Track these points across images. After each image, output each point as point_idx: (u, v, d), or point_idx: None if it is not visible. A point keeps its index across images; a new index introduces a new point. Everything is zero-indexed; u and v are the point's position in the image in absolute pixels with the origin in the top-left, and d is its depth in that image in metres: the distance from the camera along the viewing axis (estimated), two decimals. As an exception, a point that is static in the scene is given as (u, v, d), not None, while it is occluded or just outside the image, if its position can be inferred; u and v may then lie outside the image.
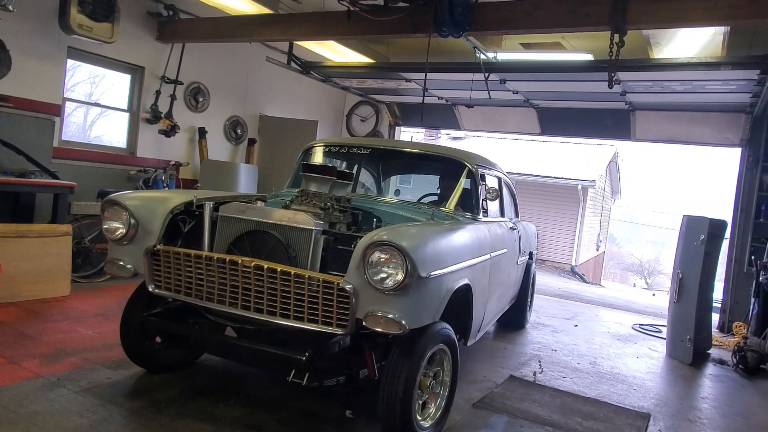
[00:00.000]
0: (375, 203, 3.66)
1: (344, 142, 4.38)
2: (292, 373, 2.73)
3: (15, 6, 5.03)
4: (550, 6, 4.64)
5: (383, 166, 4.57)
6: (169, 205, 3.18)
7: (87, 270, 5.72)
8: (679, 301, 5.53)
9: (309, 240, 2.83)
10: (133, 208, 3.10)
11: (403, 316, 2.55)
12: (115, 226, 3.13)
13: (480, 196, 3.99)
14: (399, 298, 2.57)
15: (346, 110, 10.16)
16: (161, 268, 3.04)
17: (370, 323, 2.58)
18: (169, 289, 3.03)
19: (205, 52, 7.30)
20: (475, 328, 3.70)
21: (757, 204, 6.89)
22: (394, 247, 2.53)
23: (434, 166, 4.47)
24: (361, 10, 4.96)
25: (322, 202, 3.09)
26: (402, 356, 2.73)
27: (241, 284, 2.81)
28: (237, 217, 2.98)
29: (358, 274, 2.60)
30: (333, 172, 3.20)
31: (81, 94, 6.57)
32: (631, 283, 26.59)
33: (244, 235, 2.95)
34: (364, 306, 2.60)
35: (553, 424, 3.45)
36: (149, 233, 3.09)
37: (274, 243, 2.88)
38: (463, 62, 6.63)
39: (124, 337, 3.33)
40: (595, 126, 8.45)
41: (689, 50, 5.64)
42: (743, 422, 3.98)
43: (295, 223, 2.86)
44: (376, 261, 2.57)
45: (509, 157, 16.85)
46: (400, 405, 2.67)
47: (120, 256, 3.14)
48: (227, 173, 7.30)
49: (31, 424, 2.68)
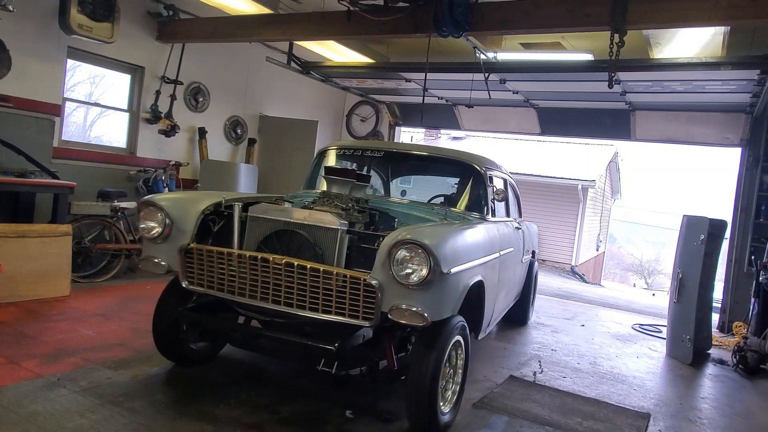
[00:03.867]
0: (390, 204, 3.83)
1: (358, 145, 4.58)
2: (322, 362, 2.94)
3: (15, 6, 5.03)
4: (550, 6, 4.64)
5: (395, 169, 4.73)
6: (200, 206, 3.35)
7: (87, 270, 5.72)
8: (679, 301, 5.53)
9: (335, 238, 3.01)
10: (168, 208, 3.28)
11: (426, 309, 2.73)
12: (151, 225, 3.29)
13: (488, 198, 4.16)
14: (422, 292, 2.75)
15: (346, 110, 10.16)
16: (194, 265, 3.20)
17: (395, 316, 2.75)
18: (201, 284, 3.20)
19: (205, 52, 7.30)
20: (486, 322, 3.89)
21: (757, 204, 6.89)
22: (419, 245, 2.72)
23: (445, 169, 4.62)
24: (361, 10, 4.96)
25: (344, 203, 3.30)
26: (427, 348, 2.93)
27: (272, 280, 2.97)
28: (266, 218, 3.16)
29: (384, 271, 2.78)
30: (353, 174, 3.42)
31: (81, 94, 6.57)
32: (631, 283, 26.59)
33: (273, 234, 3.13)
34: (389, 300, 2.78)
35: (553, 424, 3.45)
36: (183, 232, 3.26)
37: (301, 241, 3.06)
38: (463, 62, 6.63)
39: (156, 331, 3.49)
40: (595, 126, 8.44)
41: (689, 50, 5.64)
42: (743, 422, 3.98)
43: (322, 223, 3.04)
44: (402, 258, 2.75)
45: (509, 157, 16.85)
46: (427, 392, 2.88)
47: (155, 253, 3.29)
48: (227, 173, 7.29)
49: (31, 424, 2.68)
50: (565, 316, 7.15)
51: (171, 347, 3.53)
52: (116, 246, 5.93)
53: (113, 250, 5.91)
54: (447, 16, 4.63)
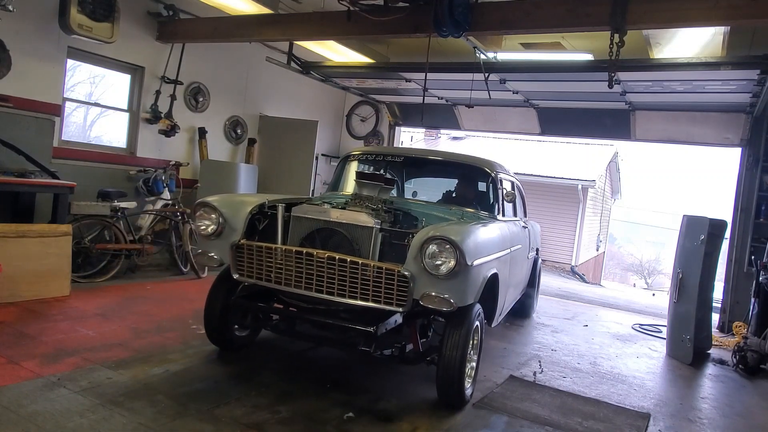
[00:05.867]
0: (411, 205, 4.22)
1: (380, 151, 5.05)
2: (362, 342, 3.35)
3: (15, 6, 5.03)
4: (550, 6, 4.63)
5: (413, 172, 5.14)
6: (248, 207, 3.75)
7: (87, 270, 5.72)
8: (679, 301, 5.53)
9: (370, 235, 3.43)
10: (222, 208, 3.70)
11: (452, 296, 3.16)
12: (207, 223, 3.73)
13: (499, 199, 4.59)
14: (449, 281, 3.18)
15: (346, 110, 10.16)
16: (244, 259, 3.60)
17: (425, 301, 3.17)
18: (251, 276, 3.60)
19: (205, 52, 7.30)
20: (498, 311, 4.36)
21: (757, 204, 6.89)
22: (447, 241, 3.13)
23: (460, 172, 4.95)
24: (361, 10, 4.96)
25: (374, 204, 3.70)
26: (456, 331, 3.37)
27: (316, 272, 3.36)
28: (308, 217, 3.59)
29: (416, 263, 3.20)
30: (382, 179, 3.86)
31: (81, 94, 6.57)
32: (631, 283, 26.58)
33: (315, 232, 3.55)
34: (420, 288, 3.19)
35: (553, 424, 3.45)
36: (233, 230, 3.67)
37: (340, 238, 3.47)
38: (463, 62, 6.63)
39: (207, 319, 3.90)
40: (595, 126, 8.44)
41: (689, 50, 5.63)
42: (743, 422, 3.98)
43: (359, 222, 3.46)
44: (432, 252, 3.16)
45: (509, 157, 16.84)
46: (457, 369, 3.33)
47: (209, 249, 3.74)
48: (227, 173, 7.29)
49: (31, 424, 2.68)
50: (565, 316, 7.15)
51: (219, 333, 3.92)
52: (116, 246, 5.93)
53: (113, 250, 5.91)
54: (447, 16, 4.62)
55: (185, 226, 6.60)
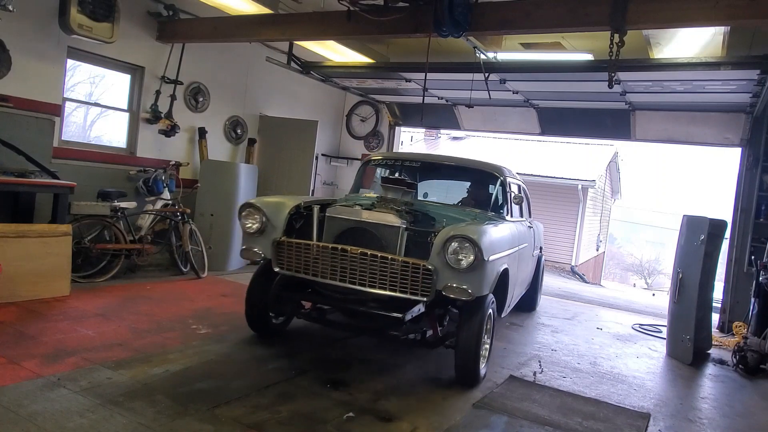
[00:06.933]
0: (429, 207, 4.56)
1: (398, 156, 5.54)
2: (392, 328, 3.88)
3: (15, 6, 5.02)
4: (550, 6, 4.63)
5: (428, 176, 5.47)
6: (287, 208, 4.19)
7: (87, 270, 5.72)
8: (679, 301, 5.53)
9: (397, 234, 3.87)
10: (265, 209, 4.16)
11: (471, 287, 3.62)
12: (252, 222, 4.18)
13: (508, 201, 4.99)
14: (468, 274, 3.62)
15: (346, 110, 10.16)
16: (284, 254, 4.05)
17: (447, 291, 3.64)
18: (290, 269, 4.05)
19: (205, 52, 7.30)
20: (507, 303, 4.86)
21: (757, 204, 6.88)
22: (467, 239, 3.58)
23: (471, 176, 5.31)
24: (361, 10, 4.95)
25: (398, 205, 4.08)
26: (472, 318, 3.83)
27: (349, 265, 3.79)
28: (341, 217, 4.04)
29: (439, 258, 3.65)
30: (405, 183, 4.24)
31: (81, 94, 6.57)
32: (631, 283, 26.59)
33: (348, 230, 3.98)
34: (442, 280, 3.65)
35: (553, 424, 3.45)
36: (275, 228, 4.13)
37: (370, 236, 3.91)
38: (463, 62, 6.63)
39: (249, 307, 4.36)
40: (595, 126, 8.44)
41: (689, 50, 5.63)
42: (743, 422, 3.98)
43: (387, 222, 3.90)
44: (454, 249, 3.61)
45: (509, 157, 16.84)
46: (473, 350, 3.81)
47: (253, 245, 4.20)
48: (227, 173, 7.29)
49: (31, 424, 2.68)
50: (565, 316, 7.15)
51: (259, 320, 4.40)
52: (116, 246, 5.93)
53: (113, 250, 5.91)
54: (447, 16, 4.62)
55: (185, 226, 6.60)
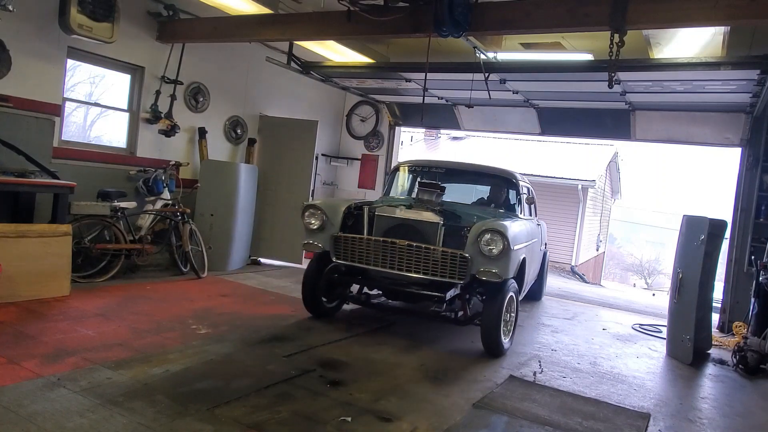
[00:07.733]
0: (455, 206, 5.28)
1: (426, 162, 6.50)
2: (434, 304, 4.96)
3: (15, 6, 5.02)
4: (550, 6, 4.63)
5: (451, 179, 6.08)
6: (342, 207, 5.04)
7: (87, 270, 5.72)
8: (679, 301, 5.52)
9: (436, 229, 4.74)
10: (325, 209, 5.00)
11: (500, 271, 4.49)
12: (314, 220, 5.02)
13: (522, 201, 5.91)
14: (497, 261, 4.47)
15: (346, 110, 10.16)
16: (341, 246, 4.93)
17: (481, 275, 4.50)
18: (347, 259, 4.93)
19: (205, 52, 7.30)
20: (524, 287, 5.73)
21: (757, 204, 6.88)
22: (497, 231, 4.45)
23: (489, 180, 6.22)
24: (361, 10, 4.96)
25: (433, 205, 4.92)
26: (496, 298, 4.64)
27: (397, 255, 4.69)
28: (388, 215, 4.92)
29: (473, 248, 4.51)
30: (438, 187, 5.05)
31: (81, 94, 6.57)
32: (631, 283, 26.58)
33: (395, 226, 4.84)
34: (476, 266, 4.51)
35: (553, 424, 3.45)
36: (332, 225, 4.97)
37: (413, 231, 4.76)
38: (463, 62, 6.62)
39: (305, 291, 5.18)
40: (595, 126, 8.43)
41: (689, 50, 5.63)
42: (743, 422, 3.98)
43: (429, 219, 4.78)
44: (486, 240, 4.47)
45: (509, 157, 16.85)
46: (496, 326, 4.61)
47: (315, 240, 5.04)
48: (227, 173, 7.30)
49: (31, 424, 2.68)
50: (565, 316, 7.15)
51: (314, 303, 5.22)
52: (116, 246, 5.93)
53: (113, 250, 5.91)
54: (447, 16, 4.62)
55: (185, 226, 6.60)
